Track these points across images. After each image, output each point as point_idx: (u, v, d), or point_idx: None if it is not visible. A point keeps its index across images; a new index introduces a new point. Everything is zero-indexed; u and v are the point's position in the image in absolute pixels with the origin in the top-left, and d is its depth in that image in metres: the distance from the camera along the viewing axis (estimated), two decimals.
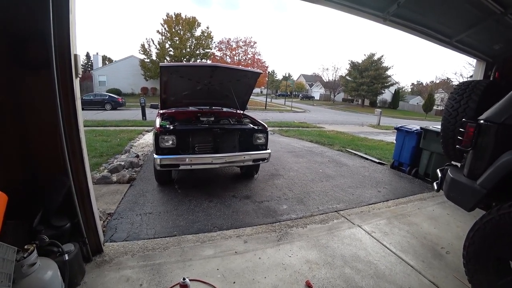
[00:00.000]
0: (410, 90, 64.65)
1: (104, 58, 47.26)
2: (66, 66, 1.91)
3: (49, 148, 2.00)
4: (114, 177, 4.39)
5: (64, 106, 1.95)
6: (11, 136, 1.93)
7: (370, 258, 2.57)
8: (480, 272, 1.97)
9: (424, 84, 63.81)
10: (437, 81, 54.36)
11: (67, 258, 1.86)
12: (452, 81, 41.85)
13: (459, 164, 2.80)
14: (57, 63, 1.85)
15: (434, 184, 2.80)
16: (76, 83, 2.01)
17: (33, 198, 2.00)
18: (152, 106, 5.83)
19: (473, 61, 4.85)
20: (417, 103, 45.77)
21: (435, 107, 36.09)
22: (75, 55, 1.96)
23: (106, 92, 24.39)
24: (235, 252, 2.57)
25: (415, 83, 71.20)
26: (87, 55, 51.10)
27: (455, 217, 3.53)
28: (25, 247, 1.59)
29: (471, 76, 4.79)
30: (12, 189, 1.59)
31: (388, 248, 2.74)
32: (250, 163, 4.13)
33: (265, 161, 4.23)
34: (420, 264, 2.51)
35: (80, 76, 2.05)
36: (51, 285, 1.61)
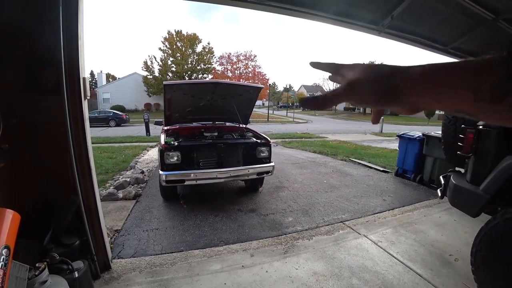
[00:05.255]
0: None
1: (108, 75, 48.44)
2: (76, 89, 2.00)
3: (60, 168, 2.06)
4: (120, 194, 4.43)
5: (74, 127, 2.02)
6: (25, 158, 2.00)
7: (377, 268, 2.55)
8: (490, 278, 1.96)
9: None
10: None
11: (77, 275, 1.89)
12: None
13: (463, 170, 2.80)
14: (67, 86, 1.94)
15: (438, 191, 2.80)
16: (85, 105, 2.10)
17: (44, 217, 2.04)
18: (157, 123, 5.94)
19: None
20: None
21: (437, 112, 35.93)
22: (84, 78, 2.05)
23: (110, 109, 24.79)
24: (242, 266, 2.57)
25: None
26: (91, 73, 52.16)
27: (463, 223, 3.49)
28: (37, 265, 1.63)
29: None
30: (24, 208, 1.64)
31: (395, 257, 2.72)
32: (255, 176, 4.16)
33: (269, 174, 4.25)
34: (428, 272, 2.48)
35: (88, 97, 2.13)
36: None
